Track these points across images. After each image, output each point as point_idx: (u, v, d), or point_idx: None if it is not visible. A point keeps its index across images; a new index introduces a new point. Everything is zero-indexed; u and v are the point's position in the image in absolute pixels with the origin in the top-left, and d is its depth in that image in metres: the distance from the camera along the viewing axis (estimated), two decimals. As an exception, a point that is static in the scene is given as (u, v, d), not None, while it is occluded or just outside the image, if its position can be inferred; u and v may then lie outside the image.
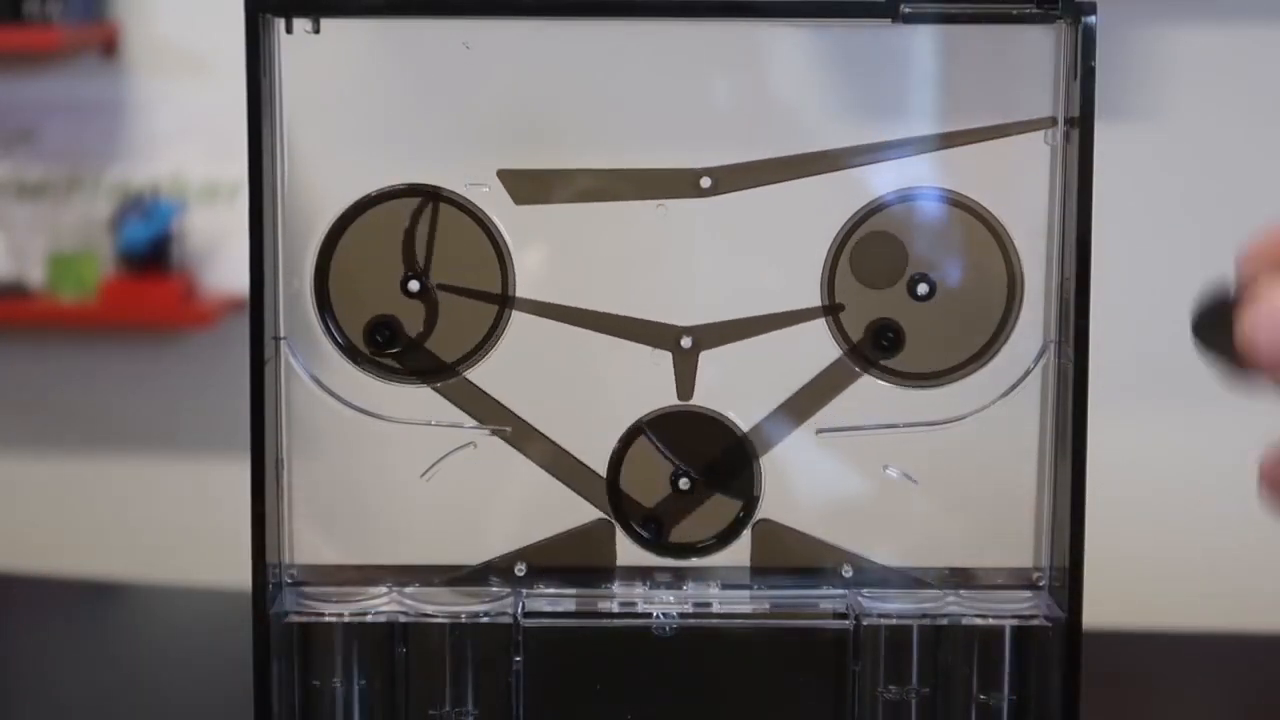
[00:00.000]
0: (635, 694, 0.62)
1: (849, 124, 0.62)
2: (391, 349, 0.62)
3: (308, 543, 0.63)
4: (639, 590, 0.63)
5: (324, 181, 0.62)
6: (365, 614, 0.62)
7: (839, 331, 0.63)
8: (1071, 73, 0.60)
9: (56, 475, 2.17)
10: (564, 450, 0.63)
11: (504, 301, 0.63)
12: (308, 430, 0.63)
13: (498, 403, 0.63)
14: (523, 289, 0.63)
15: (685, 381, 0.63)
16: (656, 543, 0.63)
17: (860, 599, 0.62)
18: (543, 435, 0.63)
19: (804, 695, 0.62)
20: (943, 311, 0.63)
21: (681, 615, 0.62)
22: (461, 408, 0.63)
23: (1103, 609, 0.69)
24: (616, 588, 0.63)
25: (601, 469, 0.63)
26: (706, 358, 0.63)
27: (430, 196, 0.62)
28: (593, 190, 0.62)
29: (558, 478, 0.63)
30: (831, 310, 0.63)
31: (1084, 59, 0.59)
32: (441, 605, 0.62)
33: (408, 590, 0.63)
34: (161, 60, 2.09)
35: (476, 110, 0.62)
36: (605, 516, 0.63)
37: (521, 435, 0.63)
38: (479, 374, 0.63)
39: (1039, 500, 0.62)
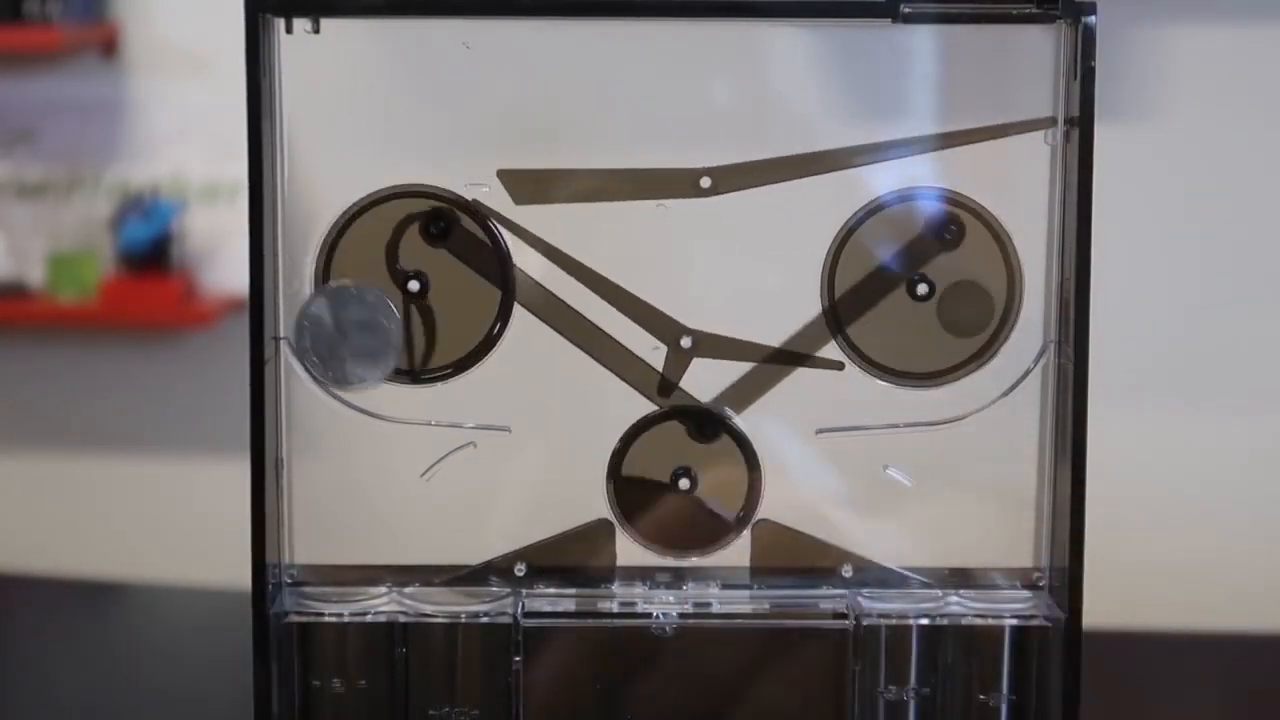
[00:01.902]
0: (635, 694, 0.62)
1: (849, 124, 0.62)
2: (448, 237, 0.62)
3: (308, 543, 0.63)
4: (639, 590, 0.63)
5: (324, 181, 0.62)
6: (365, 614, 0.62)
7: (839, 331, 0.63)
8: (1071, 73, 0.60)
9: (56, 475, 2.18)
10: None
11: (504, 301, 0.63)
12: (308, 430, 0.63)
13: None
14: (522, 289, 0.63)
15: (677, 380, 0.63)
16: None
17: (860, 599, 0.62)
18: (543, 435, 0.63)
19: (804, 695, 0.62)
20: (943, 311, 0.63)
21: (681, 615, 0.62)
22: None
23: (1103, 609, 0.69)
24: (616, 588, 0.63)
25: (602, 469, 0.63)
26: (706, 358, 0.63)
27: (452, 206, 0.62)
28: (593, 190, 0.62)
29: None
30: (832, 310, 0.63)
31: (1084, 59, 0.59)
32: (441, 605, 0.62)
33: (408, 590, 0.63)
34: (161, 60, 2.09)
35: (476, 110, 0.62)
36: (605, 516, 0.63)
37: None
38: (479, 374, 0.63)
39: (1039, 500, 0.62)
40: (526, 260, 0.62)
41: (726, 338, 0.63)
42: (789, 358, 0.63)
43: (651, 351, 0.63)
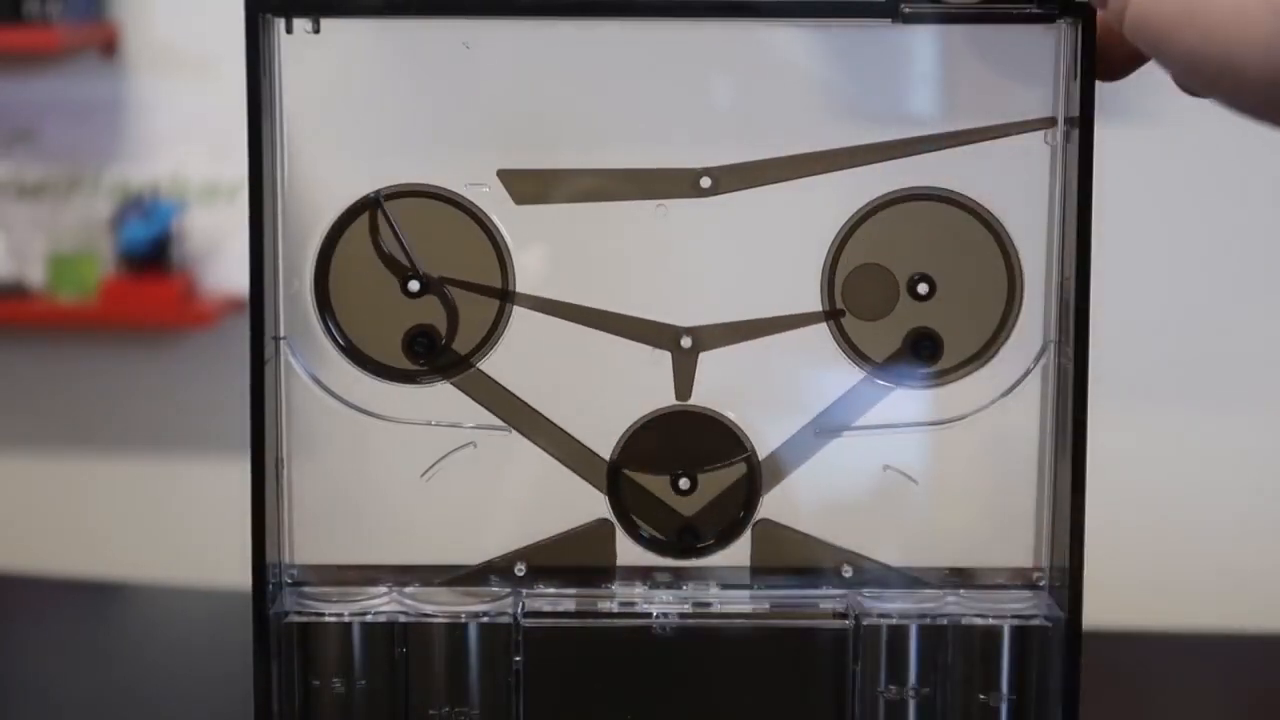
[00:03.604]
0: (635, 694, 0.62)
1: (849, 124, 0.62)
2: (430, 356, 0.62)
3: (308, 543, 0.63)
4: (639, 590, 0.63)
5: (324, 181, 0.62)
6: (365, 614, 0.62)
7: (839, 331, 0.63)
8: (1071, 73, 0.60)
9: (56, 475, 2.18)
10: (564, 450, 0.63)
11: (504, 301, 0.63)
12: (308, 430, 0.63)
13: (498, 403, 0.63)
14: (523, 290, 0.63)
15: (684, 381, 0.63)
16: (690, 551, 0.63)
17: (860, 599, 0.63)
18: (543, 436, 0.63)
19: (804, 695, 0.62)
20: (942, 311, 0.63)
21: (681, 615, 0.62)
22: (461, 409, 0.63)
23: (1103, 609, 0.69)
24: (616, 588, 0.63)
25: (601, 469, 0.63)
26: (706, 358, 0.63)
27: (371, 204, 0.62)
28: (593, 190, 0.62)
29: (558, 478, 0.63)
30: (831, 310, 0.63)
31: (1084, 59, 0.59)
32: (441, 605, 0.62)
33: (408, 590, 0.63)
34: (161, 60, 2.09)
35: (476, 110, 0.62)
36: (605, 516, 0.63)
37: (521, 436, 0.63)
38: (479, 374, 0.63)
39: (1039, 500, 0.62)
40: (526, 260, 0.63)
41: (726, 338, 0.63)
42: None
43: (652, 352, 0.63)
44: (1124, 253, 1.82)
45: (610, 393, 0.63)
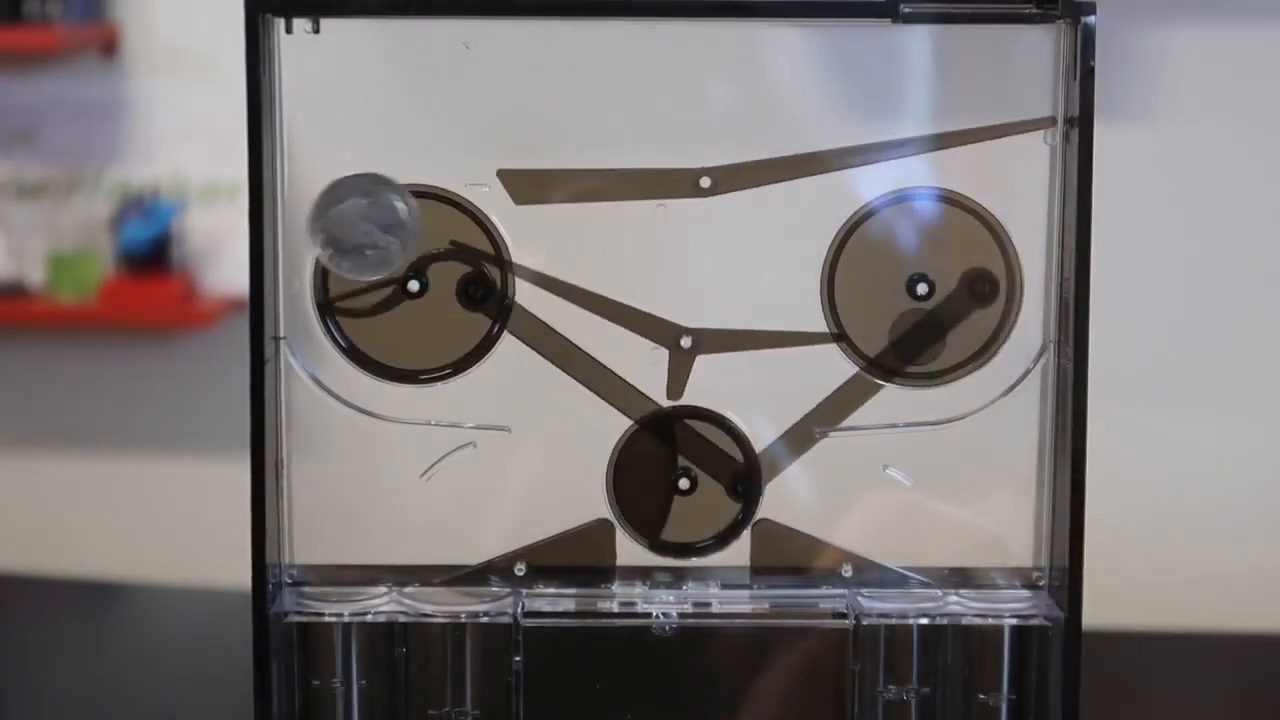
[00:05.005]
0: (635, 694, 0.62)
1: (849, 124, 0.62)
2: (486, 301, 0.62)
3: (308, 543, 0.63)
4: (639, 590, 0.63)
5: (324, 181, 0.62)
6: (365, 614, 0.62)
7: (839, 331, 0.63)
8: (1071, 73, 0.60)
9: (57, 475, 2.17)
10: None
11: (503, 301, 0.63)
12: (308, 430, 0.63)
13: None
14: (522, 289, 0.63)
15: (681, 381, 0.63)
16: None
17: (860, 599, 0.63)
18: (542, 435, 0.63)
19: (804, 695, 0.62)
20: (942, 311, 0.63)
21: (681, 615, 0.62)
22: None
23: (1103, 609, 0.69)
24: (616, 588, 0.63)
25: (601, 468, 0.63)
26: (706, 358, 0.63)
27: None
28: (593, 190, 0.62)
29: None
30: (832, 310, 0.63)
31: (1084, 59, 0.59)
32: (441, 605, 0.62)
33: (408, 590, 0.63)
34: (161, 60, 2.09)
35: (476, 110, 0.62)
36: (605, 516, 0.63)
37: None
38: (478, 374, 0.63)
39: (1039, 500, 0.62)
40: (526, 260, 0.63)
41: (726, 338, 0.63)
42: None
43: (652, 352, 0.63)
44: (1124, 253, 1.82)
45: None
